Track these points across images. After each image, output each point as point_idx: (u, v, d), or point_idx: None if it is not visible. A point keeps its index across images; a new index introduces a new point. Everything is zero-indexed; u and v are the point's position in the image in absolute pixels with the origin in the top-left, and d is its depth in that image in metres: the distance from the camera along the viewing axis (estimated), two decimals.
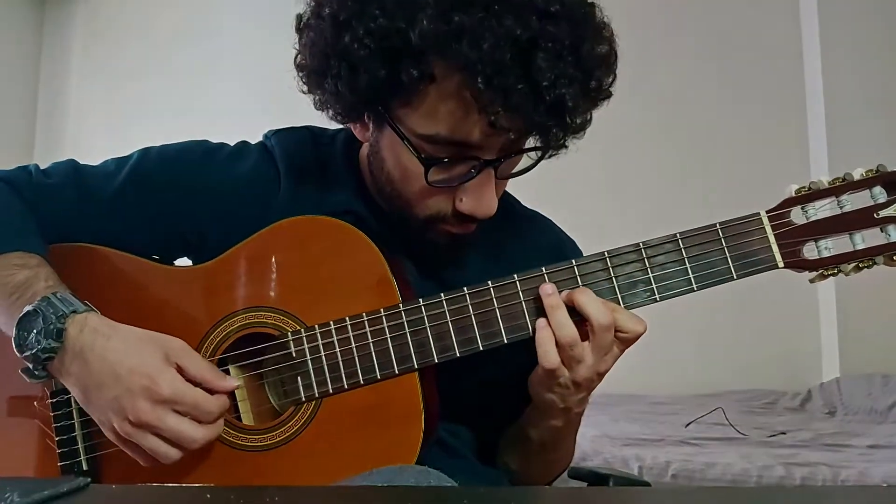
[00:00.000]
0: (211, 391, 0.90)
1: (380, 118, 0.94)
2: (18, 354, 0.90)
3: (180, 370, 0.90)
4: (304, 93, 0.98)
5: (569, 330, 0.88)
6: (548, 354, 0.89)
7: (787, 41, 4.11)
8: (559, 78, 0.83)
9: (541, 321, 0.90)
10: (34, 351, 0.88)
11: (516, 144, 0.93)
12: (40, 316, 0.89)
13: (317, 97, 0.97)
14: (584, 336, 0.89)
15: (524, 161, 0.96)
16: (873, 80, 3.87)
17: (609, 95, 0.95)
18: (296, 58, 0.97)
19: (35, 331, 0.89)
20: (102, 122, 5.12)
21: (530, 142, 0.95)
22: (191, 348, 0.93)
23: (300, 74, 0.97)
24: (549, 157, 0.96)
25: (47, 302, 0.90)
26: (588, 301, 0.89)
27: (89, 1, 5.42)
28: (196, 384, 0.89)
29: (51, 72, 5.48)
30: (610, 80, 0.94)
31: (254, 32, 4.64)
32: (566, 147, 0.96)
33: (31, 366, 0.91)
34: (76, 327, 0.89)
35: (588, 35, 0.88)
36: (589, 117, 0.94)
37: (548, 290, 0.90)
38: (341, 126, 1.06)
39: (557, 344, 0.89)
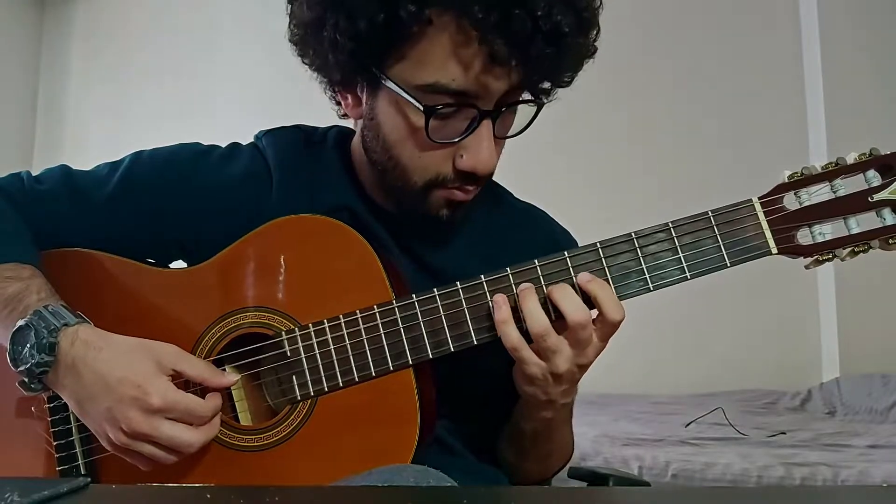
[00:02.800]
0: (212, 389, 0.91)
1: (374, 81, 0.94)
2: (14, 369, 0.90)
3: (178, 375, 0.90)
4: (299, 55, 0.99)
5: (539, 320, 0.88)
6: (508, 336, 0.89)
7: (786, 28, 4.11)
8: (554, 6, 0.85)
9: (498, 297, 0.90)
10: (28, 366, 0.88)
11: (511, 97, 0.93)
12: (32, 330, 0.89)
13: (313, 59, 0.97)
14: (563, 329, 0.89)
15: (520, 121, 0.97)
16: (872, 68, 3.87)
17: (594, 50, 0.96)
18: (290, 23, 0.97)
19: (28, 345, 0.89)
20: (102, 123, 5.15)
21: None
22: (184, 351, 0.93)
23: (296, 36, 0.97)
24: (543, 104, 0.96)
25: (39, 316, 0.90)
26: (563, 297, 0.88)
27: (89, 2, 5.44)
28: (196, 384, 0.90)
29: (50, 73, 5.51)
30: (595, 29, 0.95)
31: (253, 35, 4.66)
32: (563, 85, 0.97)
33: (26, 380, 0.90)
34: (68, 340, 0.89)
35: None
36: (581, 59, 0.96)
37: (523, 284, 0.91)
38: (331, 125, 1.07)
39: (531, 334, 0.88)
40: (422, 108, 0.90)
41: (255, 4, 4.70)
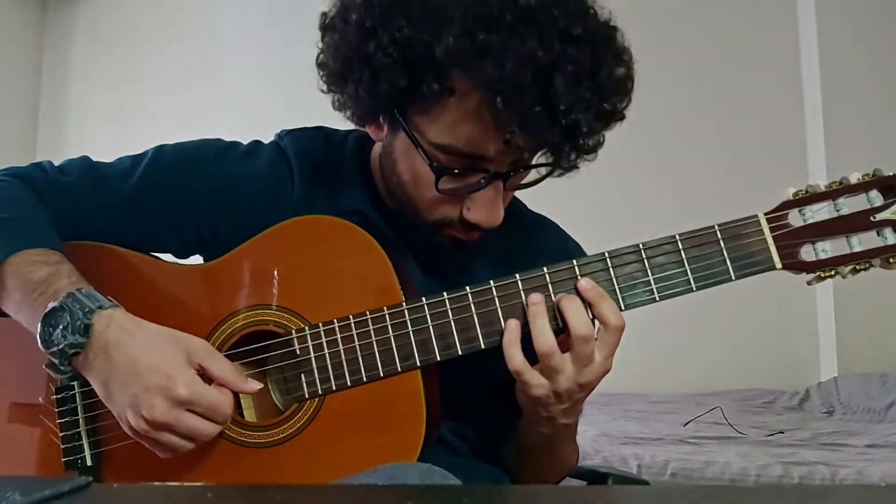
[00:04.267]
0: (233, 393, 0.91)
1: (395, 122, 0.95)
2: (44, 350, 0.90)
3: (203, 370, 0.90)
4: (323, 92, 1.00)
5: (546, 338, 0.89)
6: (512, 358, 0.90)
7: (785, 46, 4.11)
8: (576, 102, 0.85)
9: (511, 322, 0.91)
10: (61, 347, 0.88)
11: (528, 159, 0.94)
12: (67, 312, 0.89)
13: (336, 97, 0.99)
14: (566, 345, 0.90)
15: (533, 174, 0.98)
16: (871, 86, 3.87)
17: (623, 118, 0.96)
18: (318, 56, 0.98)
19: (61, 327, 0.88)
20: (104, 123, 5.13)
21: (541, 158, 0.96)
22: (213, 349, 0.93)
23: (321, 73, 0.98)
24: (559, 175, 0.97)
25: (73, 298, 0.89)
26: (571, 309, 0.90)
27: (91, 2, 5.42)
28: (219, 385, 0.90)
29: (53, 73, 5.49)
30: (625, 103, 0.95)
31: (255, 34, 4.65)
32: (577, 167, 0.97)
33: (56, 361, 0.90)
34: (102, 323, 0.89)
35: (607, 59, 0.90)
36: (602, 139, 0.95)
37: (535, 299, 0.91)
38: (353, 127, 1.07)
39: (536, 353, 0.89)
40: (432, 167, 0.92)
41: (260, 9, 4.68)
